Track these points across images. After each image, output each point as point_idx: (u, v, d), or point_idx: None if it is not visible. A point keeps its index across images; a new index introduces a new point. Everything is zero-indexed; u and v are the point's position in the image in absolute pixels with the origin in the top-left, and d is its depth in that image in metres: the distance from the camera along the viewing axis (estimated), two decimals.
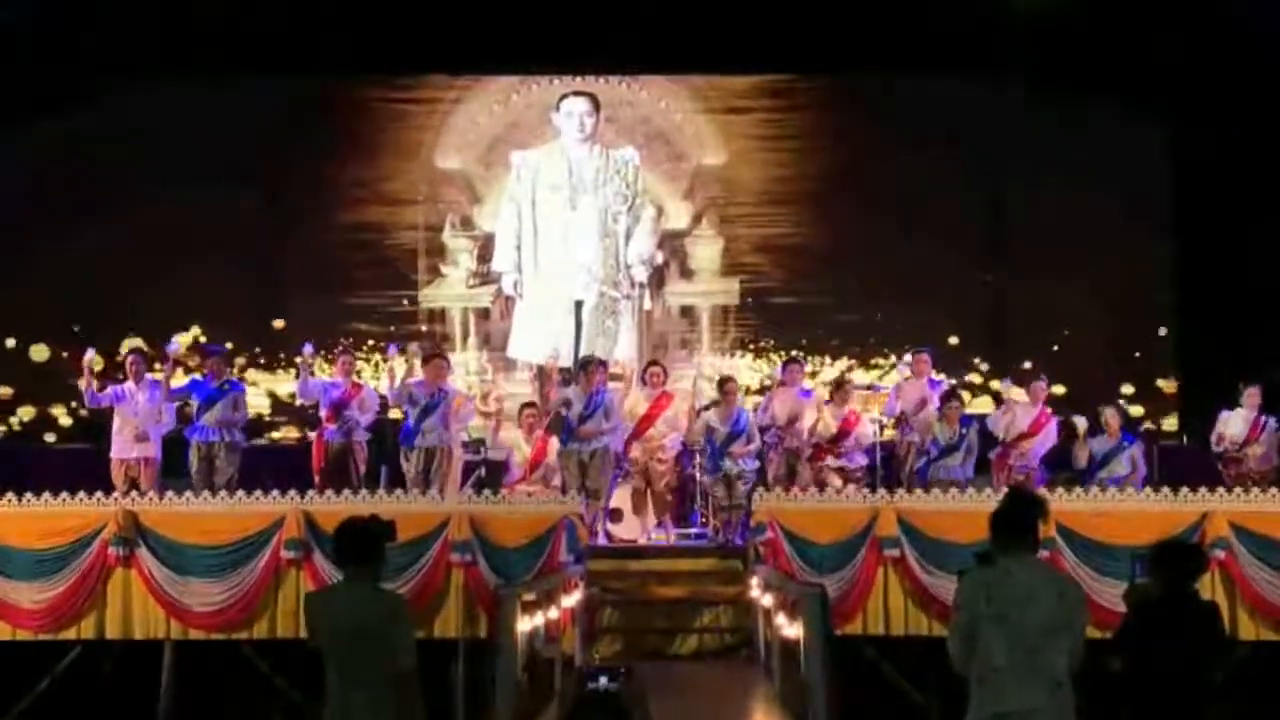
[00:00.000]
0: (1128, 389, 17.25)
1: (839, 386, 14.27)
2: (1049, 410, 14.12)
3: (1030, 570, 5.61)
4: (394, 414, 14.36)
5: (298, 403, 15.12)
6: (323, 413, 13.75)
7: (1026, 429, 13.81)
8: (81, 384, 13.60)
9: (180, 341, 14.92)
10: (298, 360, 14.21)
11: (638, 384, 14.41)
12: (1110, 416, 13.76)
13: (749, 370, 17.47)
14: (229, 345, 16.01)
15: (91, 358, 13.57)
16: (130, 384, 13.55)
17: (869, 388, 15.39)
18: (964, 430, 13.52)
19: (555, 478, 13.52)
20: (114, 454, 13.33)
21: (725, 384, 14.06)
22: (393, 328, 17.63)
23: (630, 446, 13.86)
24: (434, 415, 13.14)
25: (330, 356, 16.09)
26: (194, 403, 13.52)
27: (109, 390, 13.55)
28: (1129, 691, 6.51)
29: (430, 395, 13.21)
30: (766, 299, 17.99)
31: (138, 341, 15.67)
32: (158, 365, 14.24)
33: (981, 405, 16.11)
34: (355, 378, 14.07)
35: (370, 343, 17.51)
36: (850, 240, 17.65)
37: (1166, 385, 17.47)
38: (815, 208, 17.90)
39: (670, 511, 14.05)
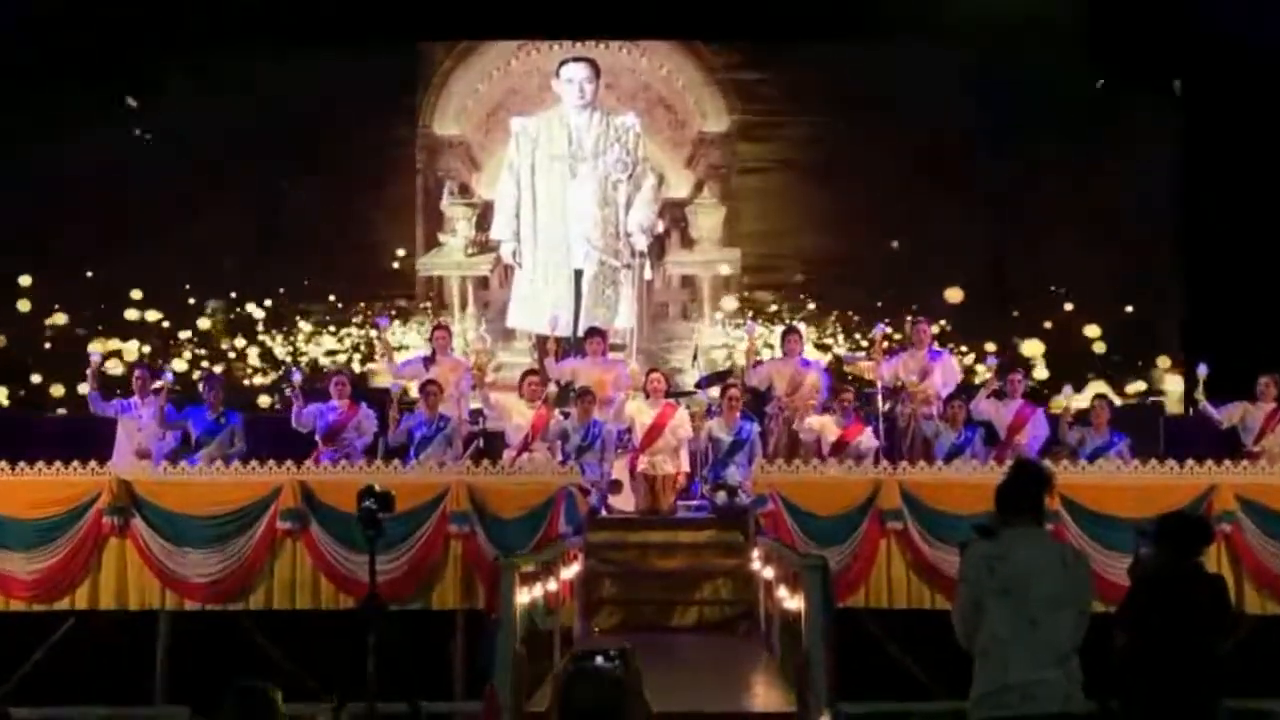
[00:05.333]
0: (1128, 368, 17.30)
1: (837, 395, 14.03)
2: (1030, 403, 14.01)
3: (1035, 543, 5.60)
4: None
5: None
6: (318, 437, 13.42)
7: (1010, 423, 13.70)
8: (86, 386, 13.57)
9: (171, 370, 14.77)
10: (292, 385, 13.91)
11: (640, 395, 14.09)
12: (1098, 409, 13.52)
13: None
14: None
15: (98, 361, 13.55)
16: (136, 398, 13.48)
17: (867, 357, 15.36)
18: (969, 434, 13.42)
19: (558, 452, 13.44)
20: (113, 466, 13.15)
21: (728, 391, 13.92)
22: (386, 295, 17.66)
23: (637, 460, 13.63)
24: (433, 444, 13.10)
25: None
26: (191, 432, 13.35)
27: (114, 401, 13.50)
28: (1133, 665, 6.52)
29: (428, 425, 13.18)
30: (768, 268, 17.97)
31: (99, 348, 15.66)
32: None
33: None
34: (349, 400, 13.62)
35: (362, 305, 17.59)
36: (855, 209, 17.60)
37: (1171, 356, 17.45)
38: (820, 176, 17.85)
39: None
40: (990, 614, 5.50)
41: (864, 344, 16.80)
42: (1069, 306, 17.42)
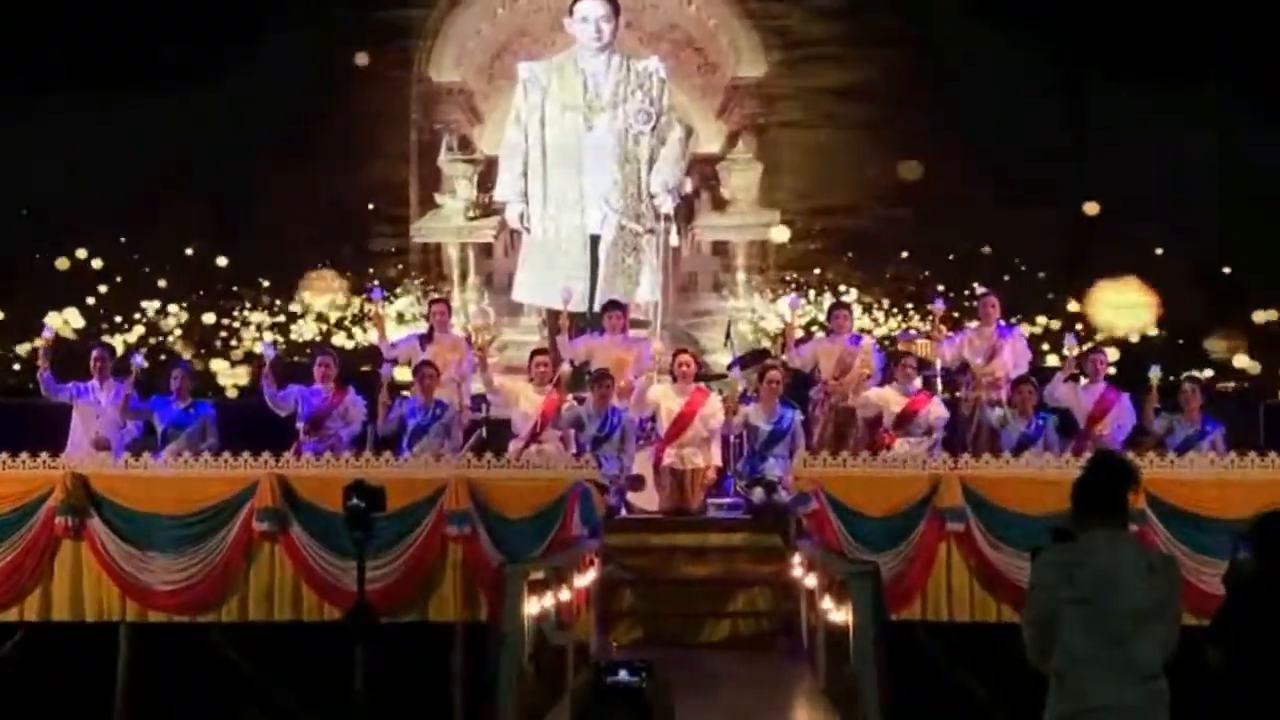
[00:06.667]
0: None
1: (898, 362, 14.02)
2: (1114, 387, 13.96)
3: (1118, 547, 5.58)
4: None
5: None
6: (300, 425, 13.43)
7: (1091, 410, 13.66)
8: (39, 367, 13.60)
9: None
10: (265, 363, 13.85)
11: (666, 378, 14.08)
12: (1189, 393, 13.47)
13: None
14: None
15: (50, 337, 13.58)
16: (94, 380, 13.52)
17: (927, 336, 15.33)
18: (1040, 422, 13.39)
19: (572, 442, 13.46)
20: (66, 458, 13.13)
21: (767, 374, 13.87)
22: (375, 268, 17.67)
23: (663, 452, 13.60)
24: (429, 434, 13.13)
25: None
26: (157, 425, 13.40)
27: (70, 384, 13.54)
28: (1228, 686, 6.50)
29: (424, 412, 13.21)
30: (811, 233, 17.94)
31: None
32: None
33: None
34: (335, 384, 13.61)
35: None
36: (908, 163, 17.54)
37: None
38: (868, 126, 17.83)
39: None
40: (1066, 628, 5.48)
41: (923, 320, 16.77)
42: (1159, 251, 17.29)
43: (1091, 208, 17.13)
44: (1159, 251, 17.26)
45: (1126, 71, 17.08)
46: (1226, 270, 17.49)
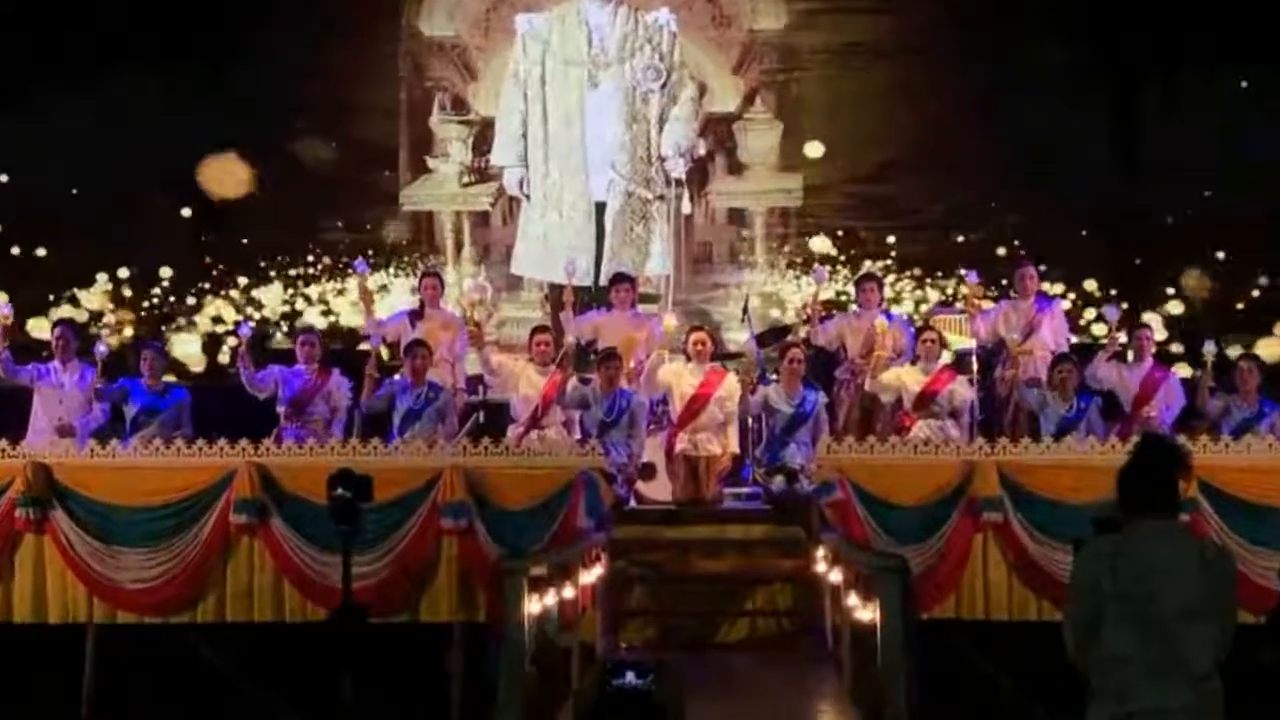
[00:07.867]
0: None
1: (918, 336, 13.96)
2: (1162, 366, 13.95)
3: (1167, 538, 5.59)
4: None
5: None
6: (280, 408, 13.45)
7: (1138, 390, 13.65)
8: None
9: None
10: (239, 345, 13.87)
11: (679, 358, 14.08)
12: (1246, 372, 13.43)
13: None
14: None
15: (8, 314, 13.59)
16: (56, 362, 13.54)
17: (961, 311, 15.33)
18: (1083, 405, 13.37)
19: (577, 426, 13.47)
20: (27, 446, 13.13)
21: (789, 352, 13.86)
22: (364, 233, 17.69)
23: (676, 438, 13.60)
24: (421, 419, 13.12)
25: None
26: (128, 410, 13.38)
27: (30, 365, 13.55)
28: None
29: (416, 395, 13.21)
30: (835, 199, 17.93)
31: None
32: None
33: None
34: (318, 364, 13.63)
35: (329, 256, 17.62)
36: (940, 124, 17.54)
37: None
38: (897, 82, 17.80)
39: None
40: (1110, 625, 5.50)
41: (959, 294, 16.77)
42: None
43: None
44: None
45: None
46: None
